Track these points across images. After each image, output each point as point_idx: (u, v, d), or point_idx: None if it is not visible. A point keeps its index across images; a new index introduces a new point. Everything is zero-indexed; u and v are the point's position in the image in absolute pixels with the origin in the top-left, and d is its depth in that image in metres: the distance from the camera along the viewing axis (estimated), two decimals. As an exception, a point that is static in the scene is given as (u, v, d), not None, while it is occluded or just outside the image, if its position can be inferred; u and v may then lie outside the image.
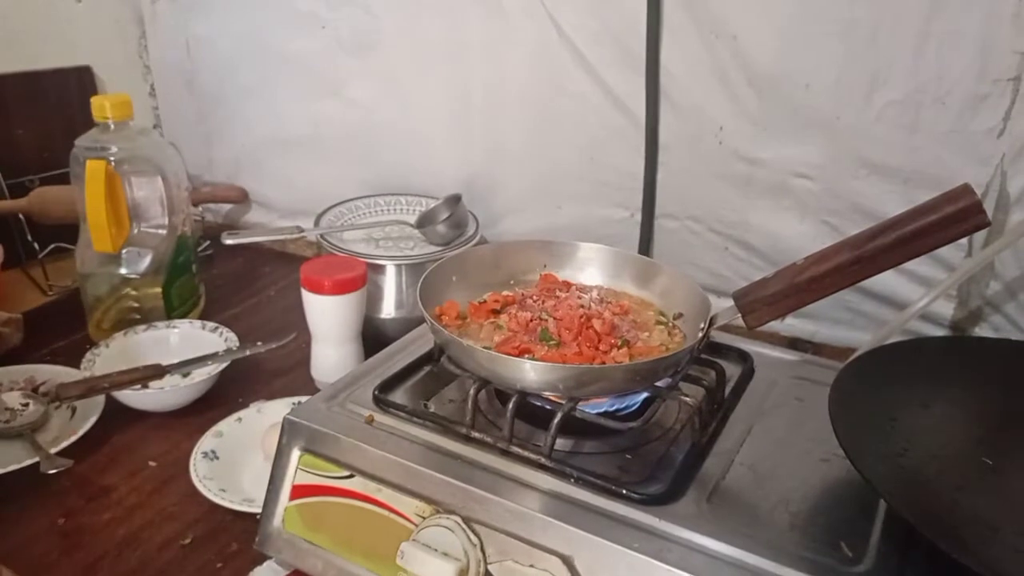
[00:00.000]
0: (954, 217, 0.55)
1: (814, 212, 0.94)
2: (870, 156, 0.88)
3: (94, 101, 0.98)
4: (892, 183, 0.88)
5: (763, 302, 0.61)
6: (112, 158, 0.97)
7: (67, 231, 1.10)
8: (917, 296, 0.86)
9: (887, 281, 0.88)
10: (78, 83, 1.29)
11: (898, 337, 0.84)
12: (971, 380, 0.65)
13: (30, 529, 0.75)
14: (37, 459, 0.80)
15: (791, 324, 0.99)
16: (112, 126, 0.99)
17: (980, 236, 0.86)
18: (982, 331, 0.90)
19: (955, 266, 0.87)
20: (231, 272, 1.29)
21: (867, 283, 0.69)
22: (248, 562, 0.70)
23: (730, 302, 0.64)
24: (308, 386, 0.95)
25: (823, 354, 0.89)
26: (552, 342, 0.67)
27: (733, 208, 0.99)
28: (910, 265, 0.70)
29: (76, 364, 0.94)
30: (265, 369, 1.00)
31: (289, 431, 0.67)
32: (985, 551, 0.48)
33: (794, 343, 0.99)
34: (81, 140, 0.99)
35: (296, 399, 0.88)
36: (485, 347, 0.66)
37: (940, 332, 0.91)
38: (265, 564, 0.69)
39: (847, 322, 0.96)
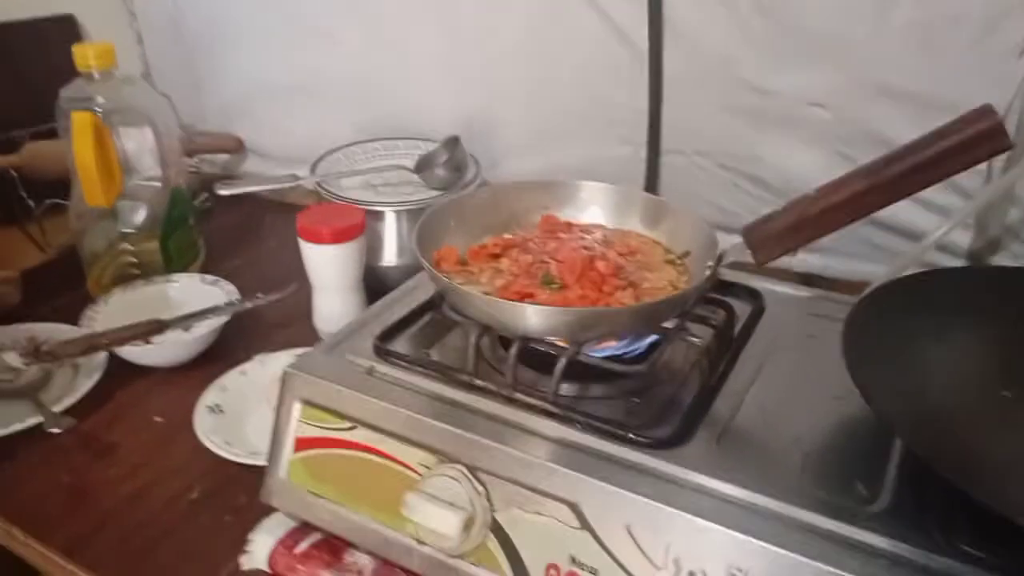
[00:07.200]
0: (974, 140, 0.52)
1: (828, 142, 0.90)
2: (884, 80, 0.84)
3: (76, 50, 0.95)
4: (908, 108, 0.84)
5: (773, 236, 0.59)
6: (99, 109, 0.93)
7: (63, 187, 1.07)
8: (933, 226, 0.83)
9: (902, 211, 0.84)
10: (60, 33, 1.24)
11: (914, 269, 0.82)
12: (990, 310, 0.63)
13: (36, 488, 0.75)
14: (41, 418, 0.80)
15: (803, 259, 0.96)
16: (96, 76, 0.95)
17: (999, 161, 0.82)
18: (1001, 260, 0.87)
19: (973, 193, 0.83)
20: (231, 224, 1.26)
21: (881, 214, 0.66)
22: (257, 514, 0.69)
23: (741, 239, 0.62)
24: (311, 337, 0.93)
25: (837, 289, 0.86)
26: (554, 285, 0.65)
27: (743, 142, 0.95)
28: (926, 194, 0.66)
29: (78, 321, 0.93)
30: (267, 322, 0.99)
31: (289, 384, 0.66)
32: (1004, 488, 0.47)
33: (806, 279, 0.96)
34: (65, 91, 0.95)
35: (300, 350, 0.87)
36: (485, 292, 0.64)
37: (957, 263, 0.88)
38: (273, 516, 0.69)
39: (861, 255, 0.93)
